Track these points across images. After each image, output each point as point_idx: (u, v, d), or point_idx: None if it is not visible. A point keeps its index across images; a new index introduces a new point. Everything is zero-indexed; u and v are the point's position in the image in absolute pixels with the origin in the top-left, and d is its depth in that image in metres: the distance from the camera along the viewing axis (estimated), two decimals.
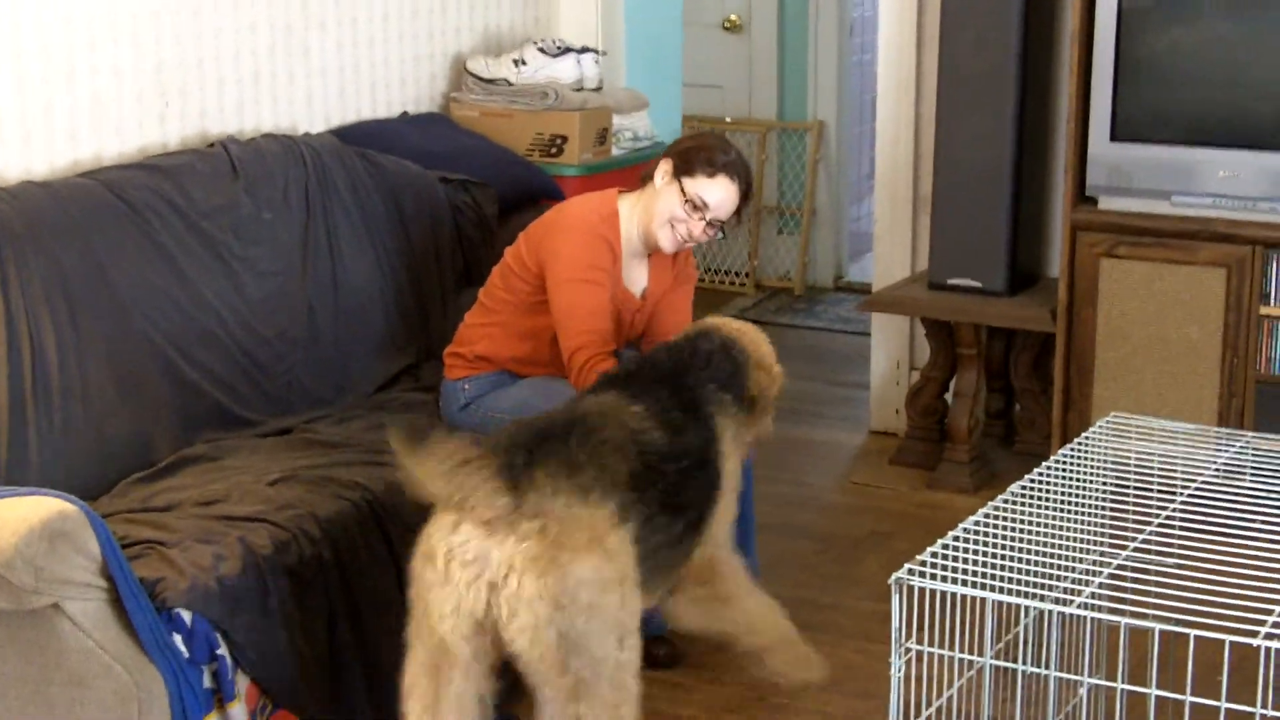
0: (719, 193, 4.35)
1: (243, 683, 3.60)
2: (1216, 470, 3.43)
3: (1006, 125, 5.63)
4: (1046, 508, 3.24)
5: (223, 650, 3.53)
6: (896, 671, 2.86)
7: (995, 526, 3.07)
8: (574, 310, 4.29)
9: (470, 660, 3.23)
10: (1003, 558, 2.96)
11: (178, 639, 3.46)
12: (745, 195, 4.41)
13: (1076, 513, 3.30)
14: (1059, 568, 2.98)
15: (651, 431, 3.53)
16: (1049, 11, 5.80)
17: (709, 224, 4.37)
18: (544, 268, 4.38)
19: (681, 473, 3.57)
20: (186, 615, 3.48)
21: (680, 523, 3.57)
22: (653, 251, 4.51)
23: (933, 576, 2.85)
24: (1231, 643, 2.59)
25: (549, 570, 3.12)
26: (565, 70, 5.86)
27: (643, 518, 3.37)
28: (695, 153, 4.37)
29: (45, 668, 3.37)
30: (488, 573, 3.14)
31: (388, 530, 3.99)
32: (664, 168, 4.39)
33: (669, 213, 4.36)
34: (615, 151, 5.90)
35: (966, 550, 2.95)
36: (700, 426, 3.72)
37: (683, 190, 4.34)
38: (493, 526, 3.14)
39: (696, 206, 4.34)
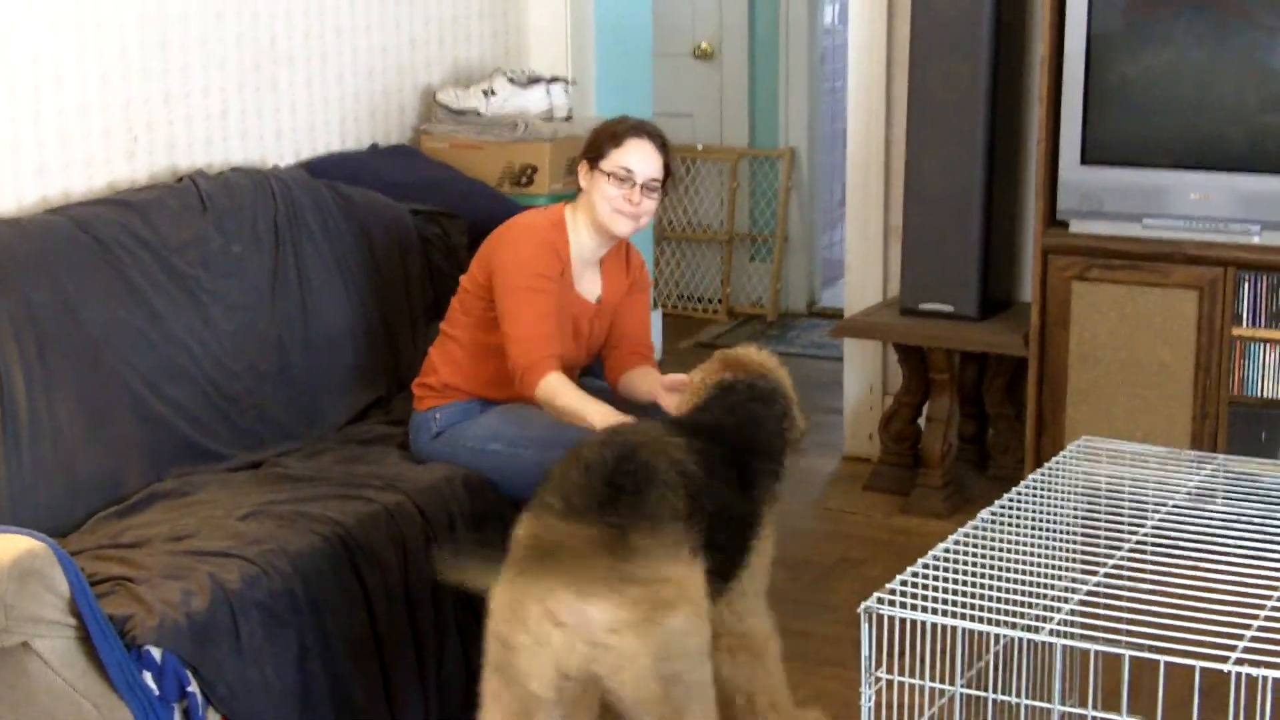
0: (633, 153, 4.47)
1: (214, 719, 3.58)
2: (1188, 494, 3.43)
3: (977, 150, 5.64)
4: (1017, 533, 3.24)
5: (193, 687, 3.51)
6: (867, 701, 2.85)
7: (965, 553, 3.07)
8: (519, 317, 4.36)
9: (559, 703, 3.31)
10: (973, 584, 2.96)
11: (148, 676, 3.44)
12: (663, 147, 4.54)
13: (1048, 538, 3.29)
14: (1030, 594, 2.98)
15: (688, 463, 3.59)
16: (1018, 37, 5.82)
17: (645, 188, 4.47)
18: (492, 278, 4.43)
19: (718, 511, 3.64)
20: (156, 652, 3.46)
21: (710, 561, 3.59)
22: (605, 259, 4.62)
23: (902, 605, 2.85)
24: (1202, 668, 2.59)
25: (649, 630, 3.20)
26: (535, 100, 5.86)
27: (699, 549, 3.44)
28: (596, 138, 4.54)
29: (15, 706, 3.34)
30: (585, 633, 3.21)
31: (358, 564, 3.98)
32: (582, 170, 4.54)
33: (606, 198, 4.47)
34: None
35: (937, 577, 2.95)
36: (749, 492, 3.84)
37: (605, 172, 4.45)
38: (586, 591, 3.20)
39: (622, 178, 4.45)
